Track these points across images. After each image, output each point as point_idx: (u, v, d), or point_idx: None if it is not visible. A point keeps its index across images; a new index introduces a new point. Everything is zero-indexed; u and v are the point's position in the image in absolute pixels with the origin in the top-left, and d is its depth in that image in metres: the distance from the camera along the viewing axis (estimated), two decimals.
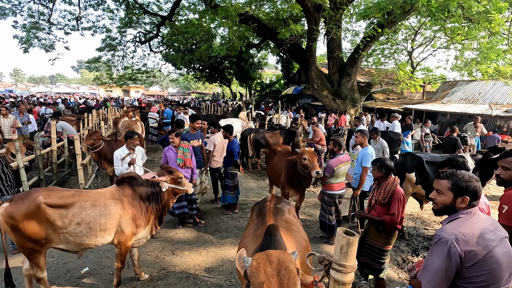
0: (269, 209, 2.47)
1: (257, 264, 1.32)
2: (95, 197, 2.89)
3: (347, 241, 1.37)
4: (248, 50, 21.20)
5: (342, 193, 4.13)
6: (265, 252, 1.40)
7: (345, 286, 1.40)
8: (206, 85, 40.80)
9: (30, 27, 14.02)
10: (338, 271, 1.39)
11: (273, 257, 1.35)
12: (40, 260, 2.74)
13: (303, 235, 2.36)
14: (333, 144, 4.03)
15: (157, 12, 17.04)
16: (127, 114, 10.40)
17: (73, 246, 2.81)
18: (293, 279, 1.28)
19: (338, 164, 3.90)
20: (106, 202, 2.88)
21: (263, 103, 21.87)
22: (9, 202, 2.64)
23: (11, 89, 37.12)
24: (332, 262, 1.42)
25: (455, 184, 1.51)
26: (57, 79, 70.11)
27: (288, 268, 1.30)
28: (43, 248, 2.72)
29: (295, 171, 4.23)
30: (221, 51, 9.26)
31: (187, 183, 3.39)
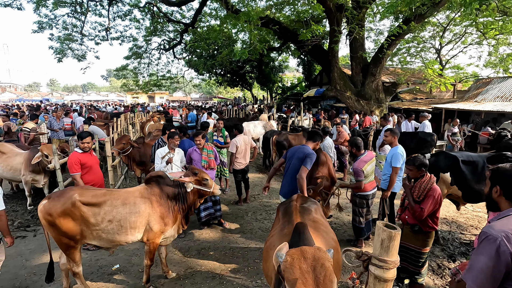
0: (296, 208, 2.42)
1: (292, 260, 1.28)
2: (125, 195, 2.98)
3: (389, 235, 1.28)
4: (269, 53, 21.27)
5: (373, 192, 3.98)
6: (299, 248, 1.36)
7: (386, 284, 1.32)
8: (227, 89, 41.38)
9: (64, 38, 14.94)
10: (378, 267, 1.31)
11: (308, 253, 1.30)
12: (75, 256, 2.86)
13: (332, 235, 2.28)
14: (350, 146, 3.91)
15: (180, 20, 17.57)
16: (152, 118, 10.78)
17: (105, 243, 2.91)
18: (330, 277, 1.22)
19: (363, 166, 3.77)
20: (135, 201, 2.97)
21: (284, 106, 21.77)
22: (47, 199, 2.77)
23: (47, 97, 39.79)
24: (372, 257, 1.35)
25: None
26: (88, 87, 74.23)
27: (324, 265, 1.25)
28: (78, 244, 2.84)
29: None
30: (243, 55, 9.34)
31: (213, 185, 3.39)
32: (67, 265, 2.95)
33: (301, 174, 3.18)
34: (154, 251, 3.11)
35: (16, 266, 3.65)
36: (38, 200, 5.50)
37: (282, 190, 3.52)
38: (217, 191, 3.43)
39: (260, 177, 7.66)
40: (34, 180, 5.28)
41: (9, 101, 35.09)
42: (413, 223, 2.68)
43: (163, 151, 4.28)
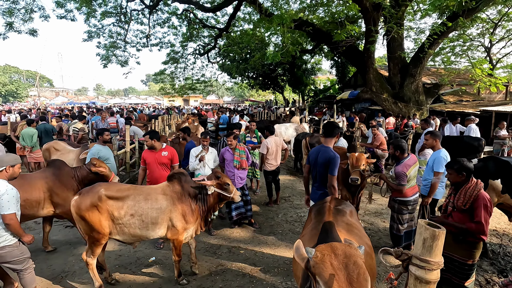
0: (329, 209, 2.35)
1: (322, 256, 1.24)
2: (148, 191, 3.08)
3: (432, 234, 1.21)
4: (302, 56, 21.09)
5: (415, 198, 3.73)
6: (329, 244, 1.31)
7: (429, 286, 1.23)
8: (259, 92, 41.70)
9: (110, 46, 16.15)
10: (420, 267, 1.23)
11: (339, 250, 1.25)
12: (98, 249, 3.00)
13: (366, 239, 2.18)
14: (393, 149, 3.66)
15: (215, 25, 18.12)
16: (187, 120, 11.20)
17: (127, 237, 3.02)
18: (364, 275, 1.17)
19: (407, 169, 3.55)
20: (157, 197, 3.05)
21: (316, 108, 21.42)
22: (79, 195, 2.97)
23: (93, 101, 43.20)
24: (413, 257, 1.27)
25: None
26: (129, 91, 79.25)
27: (356, 263, 1.20)
28: (105, 238, 2.97)
29: (348, 175, 4.20)
30: (276, 58, 9.37)
31: (234, 190, 3.39)
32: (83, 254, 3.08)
33: (331, 183, 3.05)
34: (180, 248, 3.18)
35: (65, 253, 4.00)
36: None
37: (312, 196, 3.41)
38: (237, 197, 3.41)
39: (291, 179, 7.61)
40: None
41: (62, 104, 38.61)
42: (457, 231, 2.49)
43: (197, 150, 4.46)
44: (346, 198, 4.50)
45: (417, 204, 3.82)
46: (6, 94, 39.44)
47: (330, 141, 3.24)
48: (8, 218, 2.51)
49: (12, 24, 11.03)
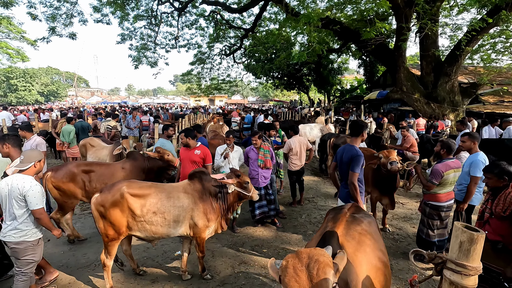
0: (345, 215, 2.19)
1: (286, 263, 1.25)
2: (169, 189, 3.09)
3: (469, 237, 1.14)
4: (328, 55, 20.71)
5: (449, 204, 3.51)
6: (298, 251, 1.33)
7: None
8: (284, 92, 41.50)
9: (141, 47, 16.88)
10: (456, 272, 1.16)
11: (303, 254, 1.27)
12: (113, 249, 3.01)
13: (379, 253, 1.97)
14: (441, 147, 3.46)
15: (241, 26, 18.32)
16: (213, 120, 11.42)
17: (148, 234, 3.02)
18: (323, 269, 1.18)
19: (446, 170, 3.35)
20: (179, 195, 3.06)
21: (342, 109, 20.93)
22: (100, 192, 2.97)
23: (125, 100, 45.37)
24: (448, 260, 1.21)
25: None
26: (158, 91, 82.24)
27: (317, 260, 1.22)
28: (122, 236, 2.99)
29: (380, 174, 4.12)
30: (301, 57, 9.28)
31: (253, 189, 3.41)
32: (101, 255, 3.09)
33: (351, 180, 2.98)
34: (203, 244, 3.21)
35: (99, 241, 4.24)
36: None
37: (340, 194, 3.37)
38: (255, 196, 3.43)
39: (315, 180, 7.49)
40: None
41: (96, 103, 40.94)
42: (495, 239, 2.32)
43: (222, 148, 4.54)
44: (377, 200, 4.37)
45: (450, 211, 3.61)
46: (48, 93, 42.51)
47: (356, 140, 3.18)
48: (38, 213, 2.60)
49: (54, 28, 11.89)
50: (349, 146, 3.15)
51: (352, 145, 3.14)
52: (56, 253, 3.96)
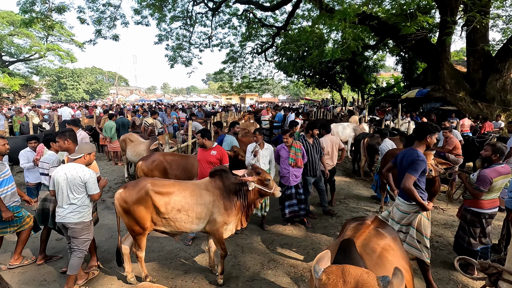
0: (368, 227, 2.06)
1: (327, 279, 1.07)
2: (192, 187, 3.15)
3: None
4: (363, 52, 19.92)
5: (493, 212, 3.24)
6: (342, 266, 1.14)
7: None
8: (315, 90, 40.71)
9: (176, 47, 17.53)
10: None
11: (350, 275, 1.07)
12: (142, 242, 3.12)
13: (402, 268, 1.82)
14: (491, 151, 3.18)
15: (273, 24, 18.26)
16: (243, 118, 11.55)
17: (172, 229, 3.12)
18: None
19: (496, 176, 3.08)
20: (201, 193, 3.12)
21: (377, 108, 20.04)
22: (123, 188, 3.05)
23: (161, 98, 47.57)
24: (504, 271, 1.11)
25: None
26: (191, 90, 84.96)
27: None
28: (147, 231, 3.09)
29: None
30: (335, 54, 9.02)
31: (274, 186, 3.38)
32: (133, 249, 3.24)
33: (404, 183, 2.75)
34: (222, 241, 3.21)
35: None
36: None
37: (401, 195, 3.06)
38: (277, 193, 3.39)
39: (347, 181, 7.28)
40: None
41: (135, 101, 43.33)
42: None
43: (252, 146, 4.58)
44: None
45: (492, 219, 3.31)
46: (92, 92, 45.84)
47: (419, 144, 2.93)
48: (97, 196, 3.04)
49: (100, 31, 12.78)
50: (411, 150, 2.90)
51: (415, 149, 2.88)
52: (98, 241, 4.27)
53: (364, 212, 5.33)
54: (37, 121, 11.05)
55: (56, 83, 41.40)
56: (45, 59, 31.68)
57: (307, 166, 4.78)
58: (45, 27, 11.43)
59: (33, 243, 4.11)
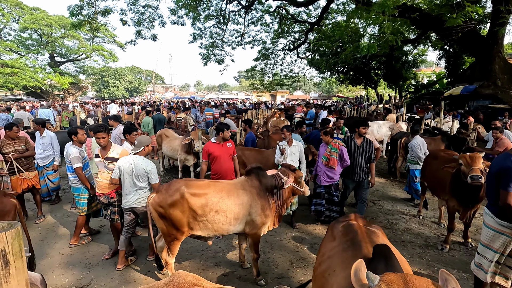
0: (360, 228, 2.04)
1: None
2: (228, 187, 3.05)
3: None
4: (402, 46, 18.84)
5: None
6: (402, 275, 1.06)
7: None
8: (349, 87, 39.39)
9: (209, 45, 17.94)
10: None
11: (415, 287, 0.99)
12: (176, 248, 3.04)
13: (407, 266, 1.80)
14: None
15: (306, 20, 17.94)
16: (275, 115, 11.52)
17: (210, 232, 3.01)
18: None
19: None
20: (238, 193, 3.02)
21: (416, 106, 18.87)
22: (157, 193, 2.95)
23: (194, 96, 49.08)
24: None
25: None
26: (223, 87, 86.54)
27: None
28: (183, 236, 2.99)
29: (460, 180, 3.52)
30: (372, 49, 8.64)
31: (305, 185, 3.32)
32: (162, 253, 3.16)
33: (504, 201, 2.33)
34: (258, 243, 3.16)
35: None
36: (186, 175, 6.86)
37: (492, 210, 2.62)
38: (307, 191, 3.36)
39: (382, 182, 6.97)
40: (185, 159, 6.64)
41: (170, 98, 45.17)
42: None
43: (282, 144, 4.56)
44: (455, 210, 3.84)
45: None
46: (131, 89, 48.58)
47: None
48: (157, 185, 3.30)
49: (140, 31, 13.48)
50: (505, 154, 2.49)
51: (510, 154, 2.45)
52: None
53: (400, 216, 5.08)
54: (83, 116, 11.99)
55: (100, 82, 44.50)
56: (90, 59, 34.16)
57: (348, 168, 4.48)
58: (91, 29, 12.30)
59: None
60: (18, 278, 0.94)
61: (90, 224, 4.43)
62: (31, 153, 4.80)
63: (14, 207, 3.16)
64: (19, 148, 4.62)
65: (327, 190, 4.55)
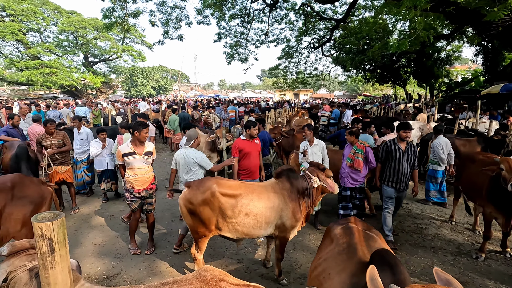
0: (358, 231, 2.00)
1: None
2: (259, 190, 2.99)
3: None
4: (434, 43, 17.88)
5: None
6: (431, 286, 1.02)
7: None
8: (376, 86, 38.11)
9: (234, 44, 18.09)
10: None
11: None
12: (204, 244, 3.05)
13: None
14: None
15: (332, 17, 17.55)
16: (298, 114, 11.42)
17: (239, 235, 2.95)
18: None
19: None
20: (269, 196, 2.96)
21: (448, 105, 17.88)
22: (188, 188, 2.97)
23: (217, 94, 49.87)
24: None
25: None
26: (246, 86, 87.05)
27: None
28: (210, 234, 2.98)
29: (499, 185, 3.32)
30: (402, 46, 8.26)
31: (333, 183, 3.25)
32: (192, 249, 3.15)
33: None
34: (285, 246, 3.13)
35: None
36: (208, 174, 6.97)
37: None
38: (336, 189, 3.27)
39: (410, 184, 6.66)
40: (209, 157, 6.74)
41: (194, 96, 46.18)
42: None
43: (304, 144, 4.51)
44: (492, 217, 3.60)
45: None
46: (158, 88, 50.26)
47: None
48: (215, 168, 3.88)
49: (167, 32, 13.88)
50: None
51: None
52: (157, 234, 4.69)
53: (430, 220, 4.84)
54: (114, 114, 12.57)
55: (129, 80, 46.46)
56: (121, 59, 35.80)
57: (387, 173, 4.06)
58: (122, 30, 12.83)
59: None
60: (62, 265, 1.01)
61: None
62: (67, 148, 5.09)
63: (51, 195, 3.36)
64: (55, 143, 4.92)
65: (352, 194, 4.43)
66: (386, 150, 4.06)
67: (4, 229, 2.71)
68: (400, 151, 3.96)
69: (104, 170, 5.52)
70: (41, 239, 0.95)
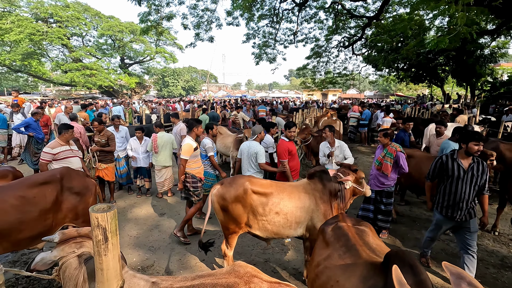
0: (349, 229, 2.01)
1: None
2: (290, 189, 3.00)
3: None
4: (477, 39, 16.64)
5: None
6: None
7: None
8: (409, 86, 36.29)
9: (262, 45, 18.17)
10: None
11: None
12: (233, 241, 3.09)
13: None
14: None
15: (364, 14, 17.00)
16: (326, 114, 11.23)
17: (269, 234, 2.97)
18: None
19: None
20: (300, 196, 2.96)
21: (492, 106, 16.59)
22: (221, 185, 3.02)
23: (245, 94, 50.42)
24: None
25: None
26: (273, 86, 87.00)
27: None
28: (241, 231, 3.02)
29: None
30: (441, 43, 7.81)
31: (366, 185, 3.20)
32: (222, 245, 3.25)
33: None
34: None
35: None
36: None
37: None
38: (368, 192, 3.25)
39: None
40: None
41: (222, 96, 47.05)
42: None
43: (324, 145, 4.47)
44: None
45: None
46: (188, 88, 51.83)
47: None
48: (262, 165, 4.07)
49: (199, 34, 14.29)
50: None
51: None
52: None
53: None
54: (148, 113, 13.19)
55: (161, 81, 48.40)
56: (154, 60, 37.39)
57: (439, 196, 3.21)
58: (156, 33, 13.40)
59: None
60: (113, 252, 1.11)
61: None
62: (110, 149, 5.29)
63: (95, 186, 3.61)
64: (99, 141, 5.27)
65: (377, 198, 4.28)
66: (440, 166, 3.15)
67: (56, 217, 2.98)
68: (461, 169, 2.99)
69: (139, 167, 5.83)
70: (97, 228, 1.05)
